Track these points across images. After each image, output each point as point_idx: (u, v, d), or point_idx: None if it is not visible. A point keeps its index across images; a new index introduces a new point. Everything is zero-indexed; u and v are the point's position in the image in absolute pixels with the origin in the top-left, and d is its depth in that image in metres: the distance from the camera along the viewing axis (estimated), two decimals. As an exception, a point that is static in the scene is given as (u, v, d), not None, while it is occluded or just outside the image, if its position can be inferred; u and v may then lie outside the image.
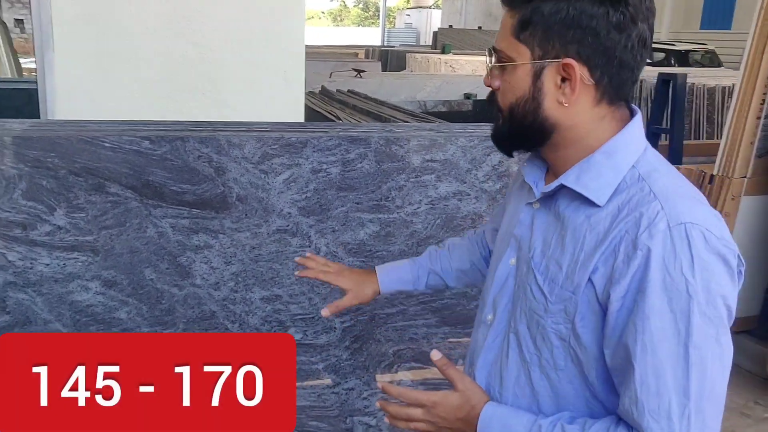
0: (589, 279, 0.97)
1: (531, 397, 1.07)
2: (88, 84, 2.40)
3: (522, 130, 1.04)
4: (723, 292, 0.92)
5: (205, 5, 2.47)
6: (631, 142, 1.02)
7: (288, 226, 2.03)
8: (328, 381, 2.16)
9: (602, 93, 0.99)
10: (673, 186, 0.97)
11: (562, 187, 1.03)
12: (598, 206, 0.99)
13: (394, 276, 1.46)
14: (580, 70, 0.97)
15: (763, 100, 3.43)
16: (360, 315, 2.13)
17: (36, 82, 2.55)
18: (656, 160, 1.02)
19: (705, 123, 7.11)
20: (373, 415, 2.19)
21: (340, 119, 4.28)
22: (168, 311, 1.99)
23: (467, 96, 7.86)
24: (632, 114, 1.04)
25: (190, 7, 2.46)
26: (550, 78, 0.99)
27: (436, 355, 1.11)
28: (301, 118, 2.65)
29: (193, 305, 2.00)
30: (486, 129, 2.33)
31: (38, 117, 2.47)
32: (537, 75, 1.00)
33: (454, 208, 2.15)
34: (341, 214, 2.06)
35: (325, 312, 1.43)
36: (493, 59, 1.04)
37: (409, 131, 2.14)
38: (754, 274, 3.70)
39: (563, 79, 0.98)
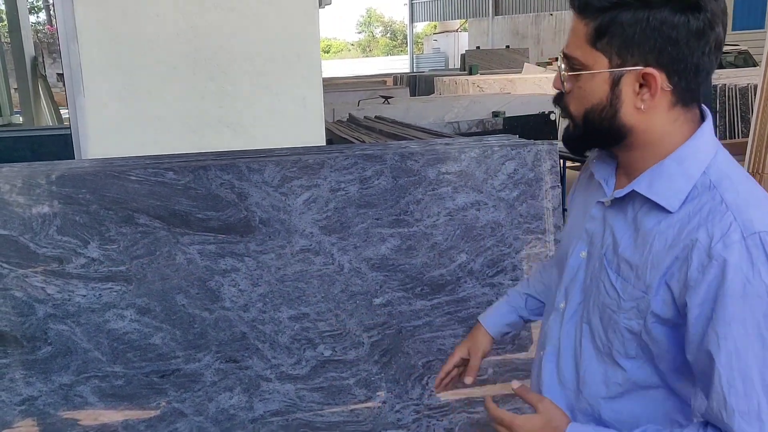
0: (666, 283, 1.00)
1: (603, 383, 1.12)
2: (117, 124, 2.52)
3: (596, 135, 1.06)
4: None
5: (224, 43, 2.58)
6: (702, 147, 1.03)
7: (311, 245, 2.09)
8: (360, 398, 2.19)
9: (678, 97, 1.01)
10: (744, 194, 0.99)
11: (633, 192, 1.06)
12: (670, 212, 1.02)
13: (496, 317, 1.53)
14: (659, 78, 0.98)
15: (788, 93, 3.39)
16: (387, 329, 2.17)
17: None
18: (727, 165, 1.03)
19: (740, 122, 7.02)
20: (406, 428, 2.22)
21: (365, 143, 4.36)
22: (201, 335, 2.06)
23: (495, 114, 7.89)
24: (703, 115, 1.06)
25: (210, 45, 2.57)
26: (628, 85, 1.01)
27: (515, 384, 1.16)
28: (322, 143, 2.73)
29: (224, 328, 2.07)
30: (498, 140, 2.37)
31: (73, 159, 2.60)
32: (615, 82, 1.01)
33: (473, 217, 2.18)
34: (362, 230, 2.12)
35: (468, 380, 1.49)
36: (564, 66, 1.05)
37: (423, 146, 2.19)
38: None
39: (641, 85, 1.00)
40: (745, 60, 12.31)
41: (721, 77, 7.55)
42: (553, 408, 1.11)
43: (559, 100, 1.09)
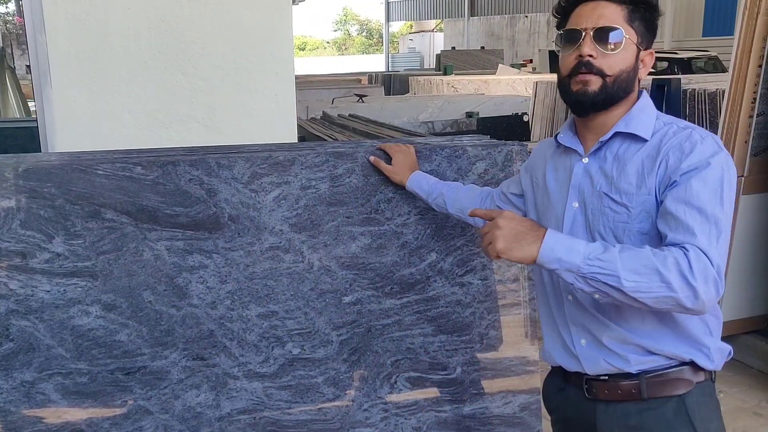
0: (657, 182, 1.39)
1: None
2: (85, 117, 2.48)
3: (619, 91, 1.46)
4: (733, 166, 1.40)
5: (196, 38, 2.55)
6: (650, 103, 1.51)
7: (280, 243, 2.08)
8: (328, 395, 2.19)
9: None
10: (690, 124, 1.46)
11: (615, 134, 1.47)
12: (645, 141, 1.44)
13: (420, 181, 2.03)
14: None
15: (754, 99, 3.46)
16: (356, 327, 2.17)
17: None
18: (668, 115, 1.51)
19: (708, 126, 7.13)
20: (374, 426, 2.22)
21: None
22: (167, 332, 2.04)
23: (469, 114, 7.93)
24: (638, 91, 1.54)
25: (182, 39, 2.54)
26: (641, 59, 1.49)
27: (479, 210, 1.57)
28: (294, 140, 2.72)
29: (192, 325, 2.04)
30: (470, 140, 2.38)
31: (40, 152, 2.55)
32: (637, 54, 1.48)
33: (444, 217, 2.18)
34: (332, 228, 2.11)
35: (371, 158, 2.09)
36: (600, 37, 1.43)
37: (395, 144, 2.19)
38: (758, 273, 3.69)
39: (641, 61, 1.49)
40: (714, 66, 12.50)
41: (691, 82, 7.65)
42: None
43: (590, 65, 1.43)
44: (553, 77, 9.44)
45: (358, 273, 2.15)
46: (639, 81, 1.51)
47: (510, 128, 7.44)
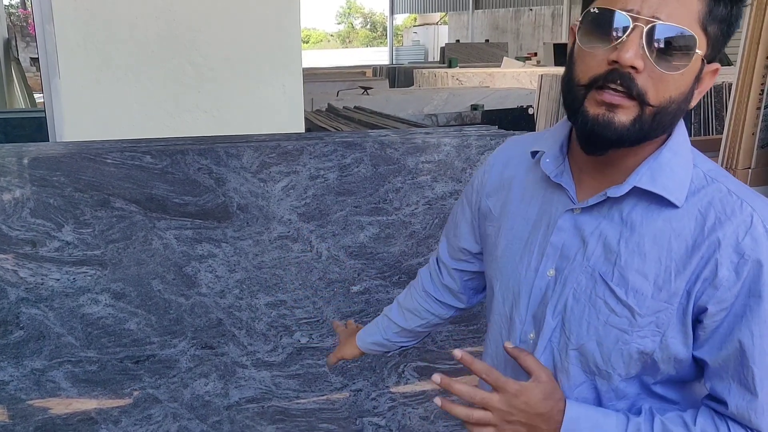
0: (688, 288, 0.92)
1: (594, 403, 1.02)
2: (93, 107, 2.49)
3: (658, 128, 0.92)
4: None
5: (204, 27, 2.55)
6: (686, 139, 0.98)
7: (289, 232, 2.08)
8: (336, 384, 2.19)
9: None
10: (741, 185, 0.96)
11: (632, 190, 0.95)
12: (675, 207, 0.93)
13: (365, 334, 1.50)
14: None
15: (762, 91, 3.45)
16: (364, 317, 2.17)
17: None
18: (705, 158, 1.00)
19: (714, 120, 7.12)
20: (382, 416, 2.22)
21: (344, 133, 4.34)
22: (176, 321, 2.04)
23: (474, 107, 7.92)
24: None
25: (190, 29, 2.54)
26: (701, 76, 0.93)
27: (509, 344, 1.02)
28: (302, 131, 2.72)
29: (200, 314, 2.05)
30: (477, 130, 2.37)
31: (48, 141, 2.56)
32: (699, 73, 0.92)
33: (451, 207, 2.18)
34: (341, 218, 2.11)
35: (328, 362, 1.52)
36: (653, 40, 0.86)
37: (403, 135, 2.19)
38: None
39: (701, 80, 0.94)
40: (720, 59, 12.50)
41: (697, 75, 7.65)
42: (553, 378, 0.98)
43: (629, 81, 0.87)
44: (559, 70, 9.40)
45: (366, 262, 2.15)
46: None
47: (515, 121, 7.42)
